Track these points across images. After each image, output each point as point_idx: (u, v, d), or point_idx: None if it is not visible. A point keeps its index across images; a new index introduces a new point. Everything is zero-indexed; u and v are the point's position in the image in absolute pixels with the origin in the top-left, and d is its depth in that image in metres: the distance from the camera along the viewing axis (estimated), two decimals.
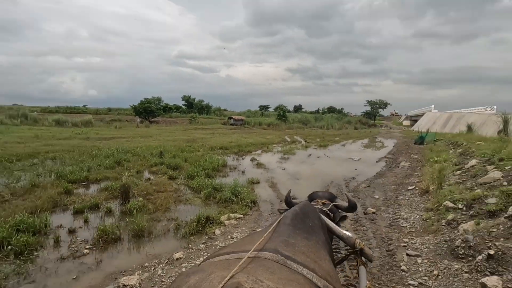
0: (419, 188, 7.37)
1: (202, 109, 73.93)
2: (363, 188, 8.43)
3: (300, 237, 1.25)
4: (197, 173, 9.31)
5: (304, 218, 1.41)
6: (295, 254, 1.08)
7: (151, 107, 49.70)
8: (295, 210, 1.47)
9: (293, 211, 1.46)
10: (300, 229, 1.31)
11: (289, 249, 1.11)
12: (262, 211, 6.34)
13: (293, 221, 1.35)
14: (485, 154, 7.57)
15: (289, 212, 1.46)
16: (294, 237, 1.23)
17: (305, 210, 1.51)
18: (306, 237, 1.27)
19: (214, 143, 18.13)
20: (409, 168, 11.50)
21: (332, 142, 23.19)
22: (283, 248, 1.11)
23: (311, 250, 1.18)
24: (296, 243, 1.18)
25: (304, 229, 1.33)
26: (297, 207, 1.53)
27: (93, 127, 31.45)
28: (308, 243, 1.23)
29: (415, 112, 59.86)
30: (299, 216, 1.41)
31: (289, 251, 1.09)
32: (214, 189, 7.56)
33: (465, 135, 16.61)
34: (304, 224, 1.37)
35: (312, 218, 1.47)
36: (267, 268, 0.93)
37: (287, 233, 1.25)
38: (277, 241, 1.17)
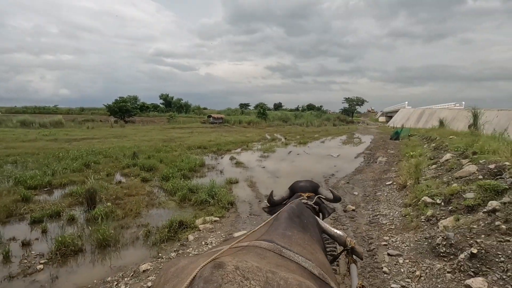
0: (397, 183, 7.39)
1: (180, 107, 72.47)
2: (342, 185, 8.37)
3: (296, 230, 1.23)
4: (172, 174, 8.86)
5: (300, 215, 1.41)
6: (291, 245, 1.05)
7: (126, 106, 47.78)
8: (291, 207, 1.45)
9: (289, 208, 1.44)
10: (296, 223, 1.31)
11: (285, 240, 1.09)
12: (240, 212, 6.06)
13: (290, 216, 1.34)
14: (458, 148, 7.73)
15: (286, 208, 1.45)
16: (291, 230, 1.22)
17: (300, 208, 1.51)
18: (301, 231, 1.26)
19: (192, 143, 17.60)
20: (386, 163, 11.67)
21: (312, 139, 23.31)
22: (279, 239, 1.08)
23: (307, 243, 1.16)
24: (292, 235, 1.17)
25: (300, 224, 1.32)
26: (293, 204, 1.52)
27: (63, 128, 29.74)
28: (304, 237, 1.22)
29: (390, 109, 61.82)
30: (295, 212, 1.40)
31: (285, 242, 1.06)
32: (190, 190, 7.19)
33: (438, 130, 17.20)
34: (300, 219, 1.36)
35: (306, 216, 1.48)
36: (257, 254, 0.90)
37: (283, 226, 1.23)
38: (273, 233, 1.15)
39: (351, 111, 74.12)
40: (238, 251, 0.94)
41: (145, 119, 52.53)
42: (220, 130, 29.86)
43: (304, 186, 2.04)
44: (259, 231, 1.22)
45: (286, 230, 1.20)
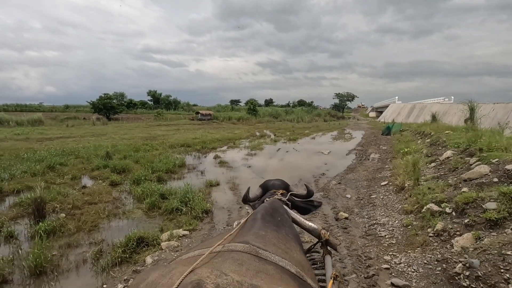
0: (394, 185, 6.68)
1: (169, 104, 71.01)
2: (333, 186, 7.63)
3: (269, 229, 1.19)
4: (145, 176, 7.94)
5: (273, 213, 1.37)
6: (266, 245, 1.01)
7: (111, 103, 46.10)
8: (264, 206, 1.42)
9: (262, 207, 1.39)
10: (269, 222, 1.27)
11: (260, 240, 1.05)
12: (215, 222, 5.22)
13: (263, 215, 1.29)
14: (459, 144, 7.07)
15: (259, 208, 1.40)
16: (264, 229, 1.17)
17: (274, 206, 1.48)
18: (275, 229, 1.23)
19: (176, 141, 16.61)
20: (380, 161, 11.01)
21: (302, 135, 22.60)
22: (254, 240, 1.03)
23: (281, 242, 1.13)
24: (266, 235, 1.13)
25: (273, 223, 1.28)
26: (266, 203, 1.51)
27: (42, 126, 28.17)
28: (278, 235, 1.18)
29: (380, 104, 61.79)
30: (268, 211, 1.36)
31: (260, 242, 1.02)
32: (161, 196, 6.30)
33: (430, 124, 16.70)
34: (273, 218, 1.33)
35: (280, 213, 1.45)
36: (235, 260, 0.85)
37: (256, 226, 1.19)
38: (247, 234, 1.10)
39: (342, 106, 73.74)
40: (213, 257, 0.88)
41: (131, 116, 51.05)
42: (207, 127, 28.83)
43: (277, 184, 2.03)
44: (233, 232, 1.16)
45: (260, 229, 1.16)
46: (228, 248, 0.97)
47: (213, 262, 0.84)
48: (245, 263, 0.85)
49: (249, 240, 1.03)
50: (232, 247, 0.97)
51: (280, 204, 1.60)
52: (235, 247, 0.96)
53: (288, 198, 1.84)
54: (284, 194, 1.87)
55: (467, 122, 10.53)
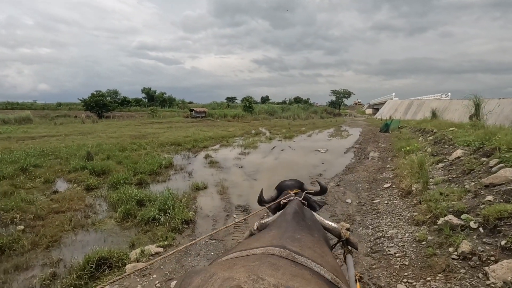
0: (398, 188, 6.03)
1: (164, 102, 70.08)
2: (332, 188, 6.96)
3: (304, 233, 1.19)
4: (125, 179, 7.21)
5: (304, 216, 1.38)
6: (303, 249, 1.00)
7: (103, 101, 45.03)
8: (294, 208, 1.41)
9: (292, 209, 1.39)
10: (302, 225, 1.26)
11: (296, 244, 1.04)
12: (197, 235, 4.53)
13: (295, 218, 1.30)
14: (469, 143, 6.44)
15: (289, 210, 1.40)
16: (299, 233, 1.17)
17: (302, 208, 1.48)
18: (309, 233, 1.22)
19: (166, 139, 15.85)
20: (380, 160, 10.39)
21: (298, 132, 21.94)
22: (290, 243, 1.03)
23: (316, 245, 1.12)
24: (302, 238, 1.12)
25: (306, 226, 1.28)
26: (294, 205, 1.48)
27: (30, 125, 27.20)
28: (313, 239, 1.17)
29: (377, 101, 61.32)
30: (299, 214, 1.36)
31: (296, 246, 1.01)
32: (139, 203, 5.60)
33: (431, 121, 16.12)
34: (304, 221, 1.33)
35: (309, 215, 1.46)
36: (271, 265, 0.86)
37: (292, 229, 1.18)
38: (283, 237, 1.09)
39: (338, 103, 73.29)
40: (251, 261, 0.89)
41: (125, 114, 50.02)
42: (201, 125, 28.03)
43: (291, 184, 1.99)
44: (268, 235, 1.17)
45: (295, 233, 1.16)
46: (265, 251, 0.96)
47: (250, 266, 0.85)
48: (281, 267, 0.86)
49: (285, 244, 1.02)
50: (269, 251, 0.96)
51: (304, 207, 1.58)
52: (272, 251, 0.96)
53: (304, 196, 1.81)
54: (299, 194, 1.83)
55: (472, 119, 9.93)
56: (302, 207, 1.52)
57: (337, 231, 1.53)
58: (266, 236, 1.15)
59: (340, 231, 1.52)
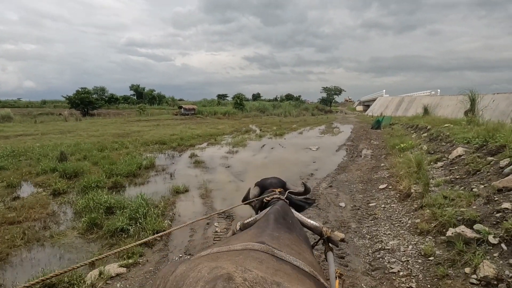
0: (396, 189, 5.56)
1: (153, 99, 68.75)
2: (324, 190, 6.46)
3: (282, 231, 1.20)
4: (97, 182, 6.53)
5: (285, 216, 1.38)
6: (281, 246, 1.01)
7: (89, 98, 43.58)
8: (276, 209, 1.40)
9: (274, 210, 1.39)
10: (281, 224, 1.27)
11: (275, 241, 1.05)
12: (170, 249, 3.94)
13: (275, 218, 1.30)
14: (470, 140, 6.02)
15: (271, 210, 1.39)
16: (278, 231, 1.18)
17: (284, 208, 1.46)
18: (288, 231, 1.23)
19: (152, 137, 15.10)
20: (373, 157, 9.97)
21: (289, 130, 21.46)
22: (269, 241, 1.04)
23: (294, 243, 1.14)
24: (280, 236, 1.14)
25: (285, 225, 1.29)
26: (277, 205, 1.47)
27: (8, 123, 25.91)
28: (291, 237, 1.19)
29: (368, 98, 61.47)
30: (280, 214, 1.36)
31: (275, 244, 1.02)
32: (108, 211, 4.96)
33: (423, 117, 15.85)
34: (285, 220, 1.33)
35: (291, 216, 1.45)
36: (255, 258, 0.87)
37: (270, 228, 1.19)
38: (262, 235, 1.11)
39: (329, 100, 73.16)
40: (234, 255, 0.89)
41: (112, 111, 48.69)
42: (190, 122, 27.24)
43: (274, 183, 1.98)
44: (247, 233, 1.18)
45: (274, 231, 1.17)
46: (246, 247, 0.96)
47: (235, 259, 0.85)
48: (264, 261, 0.86)
49: (265, 240, 1.02)
50: (249, 246, 0.96)
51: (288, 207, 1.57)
52: (253, 246, 0.96)
53: (286, 196, 1.78)
54: (282, 193, 1.81)
55: (467, 114, 9.59)
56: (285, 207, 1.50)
57: (319, 229, 1.57)
58: (245, 235, 1.16)
59: (322, 229, 1.56)
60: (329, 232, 1.55)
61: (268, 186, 1.94)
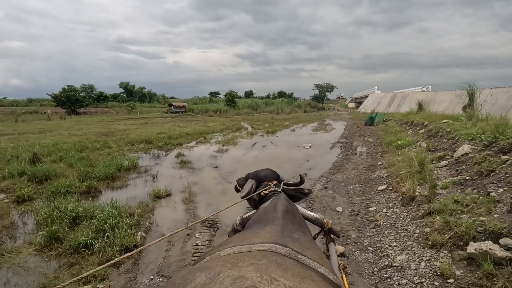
0: (397, 191, 5.07)
1: (143, 97, 67.39)
2: (319, 192, 5.95)
3: (300, 232, 1.11)
4: (68, 187, 5.87)
5: (293, 213, 1.30)
6: (303, 250, 0.94)
7: (76, 96, 42.24)
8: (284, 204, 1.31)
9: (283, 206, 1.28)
10: (296, 224, 1.19)
11: (296, 244, 0.97)
12: (141, 268, 3.34)
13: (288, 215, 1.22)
14: (475, 136, 5.57)
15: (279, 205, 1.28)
16: (296, 232, 1.09)
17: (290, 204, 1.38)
18: (303, 231, 1.14)
19: (137, 136, 14.38)
20: (369, 155, 9.51)
21: (282, 127, 20.94)
22: (291, 243, 0.95)
23: (313, 245, 1.05)
24: (300, 238, 1.04)
25: (298, 224, 1.22)
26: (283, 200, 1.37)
27: None
28: (307, 238, 1.10)
29: (360, 94, 61.49)
30: (290, 211, 1.27)
31: (297, 246, 0.95)
32: (74, 221, 4.33)
33: (418, 113, 15.52)
34: (295, 218, 1.25)
35: (297, 212, 1.38)
36: (279, 264, 0.80)
37: (288, 227, 1.10)
38: (283, 235, 1.01)
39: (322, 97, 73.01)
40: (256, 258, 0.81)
41: (101, 109, 47.35)
42: (179, 120, 26.45)
43: (269, 175, 1.86)
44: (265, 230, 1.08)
45: (293, 232, 1.08)
46: (269, 248, 0.89)
47: (258, 264, 0.77)
48: (289, 268, 0.81)
49: (287, 243, 0.95)
50: (272, 248, 0.89)
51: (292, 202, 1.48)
52: (275, 249, 0.89)
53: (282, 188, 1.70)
54: (277, 185, 1.72)
55: (466, 109, 9.20)
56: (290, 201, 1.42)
57: (320, 221, 1.55)
58: (263, 232, 1.06)
59: (323, 221, 1.54)
60: (330, 223, 1.55)
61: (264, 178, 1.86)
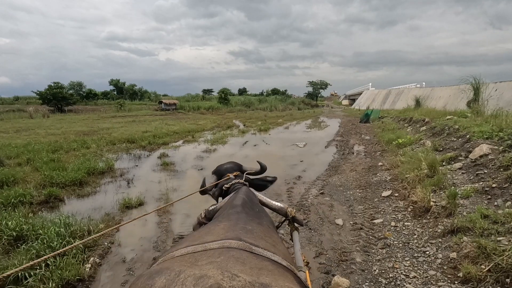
0: (406, 199, 4.35)
1: (134, 94, 65.94)
2: (314, 199, 5.20)
3: (254, 223, 1.13)
4: (21, 197, 5.00)
5: (252, 205, 1.33)
6: (257, 240, 0.96)
7: (62, 93, 40.77)
8: (241, 197, 1.34)
9: (240, 199, 1.32)
10: (251, 215, 1.22)
11: (249, 235, 0.98)
12: None
13: (244, 208, 1.24)
14: (491, 135, 4.89)
15: (237, 200, 1.32)
16: (250, 223, 1.11)
17: (249, 196, 1.41)
18: (259, 222, 1.17)
19: (121, 135, 13.46)
20: (367, 155, 8.82)
21: (275, 124, 20.19)
22: (244, 235, 0.96)
23: (267, 235, 1.07)
24: (254, 229, 1.06)
25: (255, 215, 1.24)
26: (240, 193, 1.41)
27: None
28: (263, 228, 1.12)
29: (353, 91, 61.13)
30: (247, 203, 1.30)
31: (251, 238, 0.96)
32: (16, 242, 3.49)
33: (416, 110, 14.94)
34: (253, 210, 1.29)
35: (255, 203, 1.42)
36: (236, 259, 0.79)
37: (242, 220, 1.12)
38: (236, 229, 1.02)
39: (315, 94, 72.35)
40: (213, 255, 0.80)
41: (90, 107, 45.90)
42: (169, 118, 25.49)
43: (230, 167, 1.89)
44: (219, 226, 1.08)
45: (247, 224, 1.10)
46: (223, 245, 0.88)
47: (217, 262, 0.76)
48: (246, 261, 0.80)
49: (240, 236, 0.95)
50: (226, 244, 0.88)
51: (251, 193, 1.52)
52: (230, 244, 0.88)
53: (245, 178, 1.73)
54: (239, 176, 1.76)
55: (471, 105, 8.57)
56: (249, 193, 1.46)
57: (283, 210, 1.55)
58: (217, 228, 1.05)
59: (286, 210, 1.54)
60: (294, 212, 1.54)
61: (224, 172, 1.83)
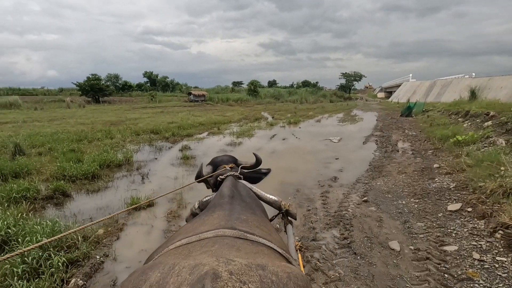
0: (490, 220, 3.20)
1: (166, 86, 67.78)
2: (356, 209, 4.19)
3: (248, 213, 1.15)
4: (25, 191, 4.57)
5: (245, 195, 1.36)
6: (251, 228, 0.98)
7: (99, 85, 42.62)
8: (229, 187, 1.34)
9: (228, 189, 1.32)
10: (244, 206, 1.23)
11: (244, 224, 1.01)
12: None
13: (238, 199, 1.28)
14: None
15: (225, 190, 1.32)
16: (244, 213, 1.13)
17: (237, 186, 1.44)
18: (252, 212, 1.19)
19: (146, 125, 13.21)
20: (416, 154, 7.49)
21: (305, 117, 18.99)
22: (238, 224, 0.99)
23: (262, 224, 1.10)
24: (248, 218, 1.08)
25: (248, 206, 1.26)
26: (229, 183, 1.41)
27: (12, 110, 25.06)
28: (257, 218, 1.14)
29: (390, 83, 57.20)
30: (237, 193, 1.32)
31: (246, 226, 0.99)
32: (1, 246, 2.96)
33: (471, 102, 12.95)
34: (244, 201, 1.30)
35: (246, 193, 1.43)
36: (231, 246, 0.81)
37: (237, 210, 1.14)
38: (231, 219, 1.04)
39: (348, 87, 68.83)
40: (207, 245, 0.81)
41: (124, 98, 47.75)
42: (197, 109, 25.26)
43: (225, 159, 1.95)
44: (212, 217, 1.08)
45: (241, 214, 1.11)
46: (217, 234, 0.90)
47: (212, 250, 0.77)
48: (241, 247, 0.83)
49: (234, 225, 0.98)
50: (220, 233, 0.90)
51: (243, 184, 1.55)
52: (224, 233, 0.90)
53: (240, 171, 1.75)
54: (235, 168, 1.79)
55: None
56: (237, 184, 1.48)
57: (277, 203, 1.57)
58: (211, 218, 1.07)
59: (280, 203, 1.56)
60: (287, 205, 1.55)
61: (220, 163, 1.89)
